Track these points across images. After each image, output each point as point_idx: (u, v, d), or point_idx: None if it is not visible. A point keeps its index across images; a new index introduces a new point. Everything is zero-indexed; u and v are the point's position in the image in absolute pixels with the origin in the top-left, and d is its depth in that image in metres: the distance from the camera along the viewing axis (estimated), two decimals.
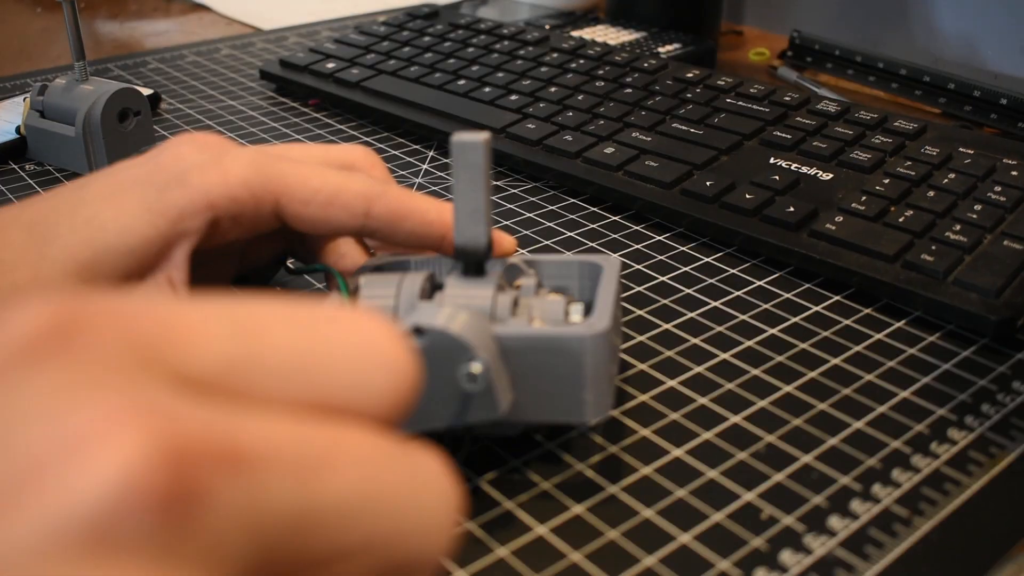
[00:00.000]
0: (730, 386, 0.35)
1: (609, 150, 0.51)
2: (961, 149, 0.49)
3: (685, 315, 0.40)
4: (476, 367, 0.26)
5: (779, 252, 0.43)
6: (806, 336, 0.38)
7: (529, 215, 0.49)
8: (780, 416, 0.34)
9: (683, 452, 0.32)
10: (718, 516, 0.29)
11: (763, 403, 0.34)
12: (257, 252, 0.38)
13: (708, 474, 0.31)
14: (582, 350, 0.28)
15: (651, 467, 0.31)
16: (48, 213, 0.31)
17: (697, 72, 0.60)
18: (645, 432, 0.33)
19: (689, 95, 0.57)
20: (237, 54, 0.76)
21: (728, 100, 0.56)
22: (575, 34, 0.72)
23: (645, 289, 0.42)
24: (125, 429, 0.12)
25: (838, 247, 0.42)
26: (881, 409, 0.34)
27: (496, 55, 0.65)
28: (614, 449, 0.32)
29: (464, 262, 0.31)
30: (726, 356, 0.37)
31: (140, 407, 0.13)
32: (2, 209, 0.32)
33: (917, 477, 0.31)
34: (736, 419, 0.33)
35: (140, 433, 0.12)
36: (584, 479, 0.31)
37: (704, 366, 0.36)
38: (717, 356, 0.37)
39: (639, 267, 0.44)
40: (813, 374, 0.36)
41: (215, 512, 0.13)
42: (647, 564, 0.27)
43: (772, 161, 0.49)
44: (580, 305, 0.32)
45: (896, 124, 0.52)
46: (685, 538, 0.28)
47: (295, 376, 0.15)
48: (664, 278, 0.43)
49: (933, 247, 0.41)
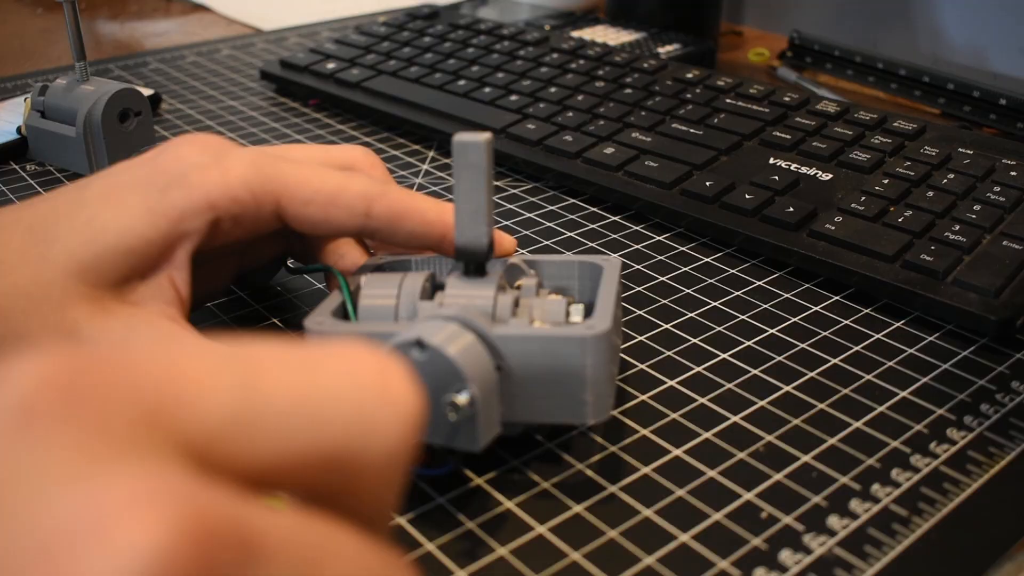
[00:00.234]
0: (730, 386, 0.35)
1: (609, 150, 0.51)
2: (960, 149, 0.49)
3: (685, 315, 0.40)
4: (462, 399, 0.26)
5: (779, 252, 0.43)
6: (806, 336, 0.39)
7: (529, 215, 0.49)
8: (779, 416, 0.34)
9: (683, 452, 0.32)
10: (718, 516, 0.29)
11: (762, 403, 0.34)
12: (257, 252, 0.38)
13: (708, 474, 0.31)
14: (583, 351, 0.28)
15: (651, 467, 0.31)
16: (48, 214, 0.31)
17: (697, 72, 0.60)
18: (645, 432, 0.33)
19: (689, 95, 0.57)
20: (237, 54, 0.76)
21: (728, 100, 0.56)
22: (575, 34, 0.72)
23: (645, 289, 0.42)
24: (151, 510, 0.12)
25: (838, 247, 0.42)
26: (880, 409, 0.34)
27: (496, 55, 0.65)
28: (614, 449, 0.32)
29: (465, 262, 0.31)
30: (726, 356, 0.37)
31: (162, 487, 0.13)
32: (2, 210, 0.32)
33: (916, 477, 0.31)
34: (736, 419, 0.34)
35: (166, 515, 0.12)
36: (584, 479, 0.31)
37: (704, 366, 0.37)
38: (717, 356, 0.37)
39: (639, 267, 0.44)
40: (812, 374, 0.36)
41: None
42: (647, 563, 0.27)
43: (772, 161, 0.49)
44: (581, 306, 0.32)
45: (895, 124, 0.52)
46: (685, 538, 0.28)
47: (300, 425, 0.15)
48: (664, 278, 0.43)
49: (932, 247, 0.41)
